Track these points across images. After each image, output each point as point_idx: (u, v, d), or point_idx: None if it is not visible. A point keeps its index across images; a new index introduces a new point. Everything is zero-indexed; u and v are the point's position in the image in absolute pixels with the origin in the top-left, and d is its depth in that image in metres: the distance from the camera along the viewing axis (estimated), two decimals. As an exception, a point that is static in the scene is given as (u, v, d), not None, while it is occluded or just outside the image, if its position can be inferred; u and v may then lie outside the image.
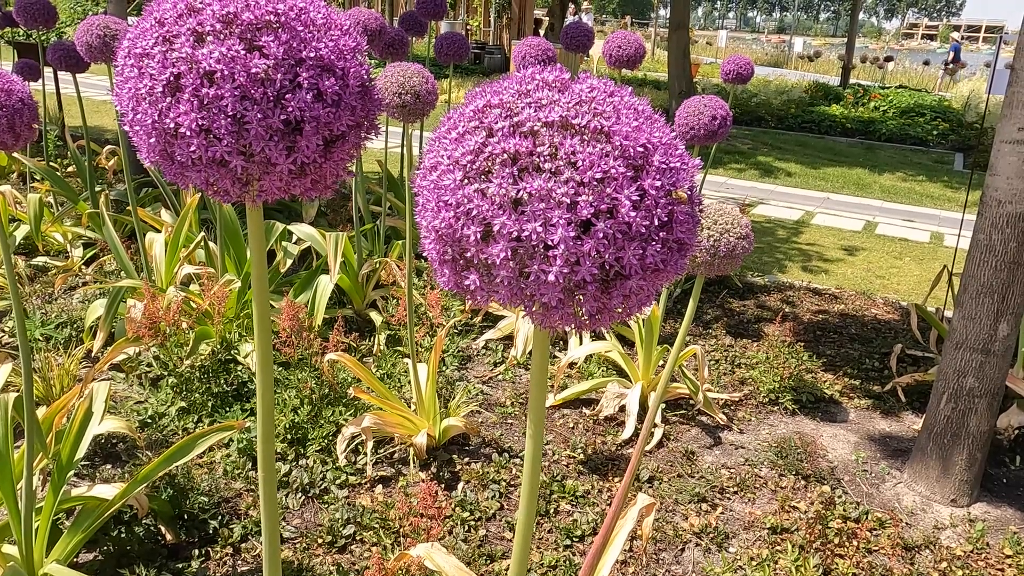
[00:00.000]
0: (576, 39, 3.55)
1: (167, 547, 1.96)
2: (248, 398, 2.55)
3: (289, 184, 0.56)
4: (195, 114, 0.50)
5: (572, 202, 0.44)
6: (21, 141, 1.31)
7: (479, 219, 0.45)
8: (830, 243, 5.32)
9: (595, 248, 0.44)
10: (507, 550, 2.03)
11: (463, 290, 0.50)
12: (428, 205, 0.48)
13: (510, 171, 0.45)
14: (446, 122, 0.51)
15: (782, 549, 2.06)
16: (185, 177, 0.55)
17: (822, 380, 3.06)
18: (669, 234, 0.46)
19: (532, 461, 0.65)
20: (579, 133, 0.45)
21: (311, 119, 0.53)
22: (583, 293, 0.46)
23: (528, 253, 0.45)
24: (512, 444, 2.50)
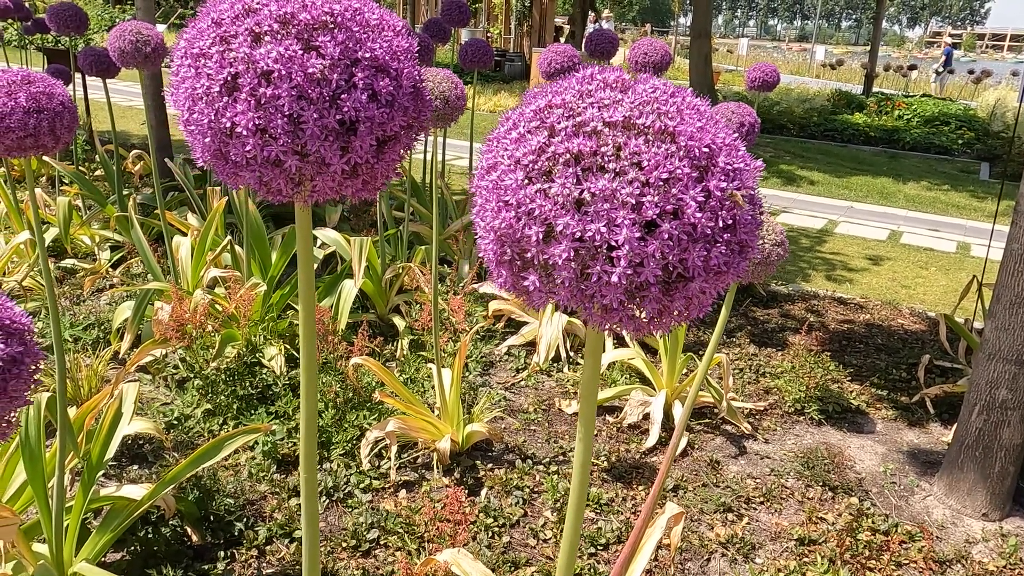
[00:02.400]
0: (600, 46, 3.54)
1: (193, 548, 1.97)
2: (273, 401, 2.56)
3: (341, 184, 0.56)
4: (252, 113, 0.51)
5: (637, 203, 0.43)
6: (61, 144, 1.32)
7: (541, 219, 0.45)
8: (854, 252, 5.26)
9: (660, 249, 0.43)
10: (531, 557, 2.02)
11: (521, 291, 0.50)
12: (488, 205, 0.48)
13: (573, 171, 0.44)
14: (505, 122, 0.51)
15: (810, 561, 2.03)
16: (239, 177, 0.55)
17: (848, 390, 3.02)
18: (733, 236, 0.45)
19: (581, 467, 0.65)
20: (643, 133, 0.45)
21: (366, 119, 0.53)
22: (644, 295, 0.45)
23: (590, 254, 0.44)
24: (535, 451, 2.49)
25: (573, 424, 2.68)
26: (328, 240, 3.28)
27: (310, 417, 0.79)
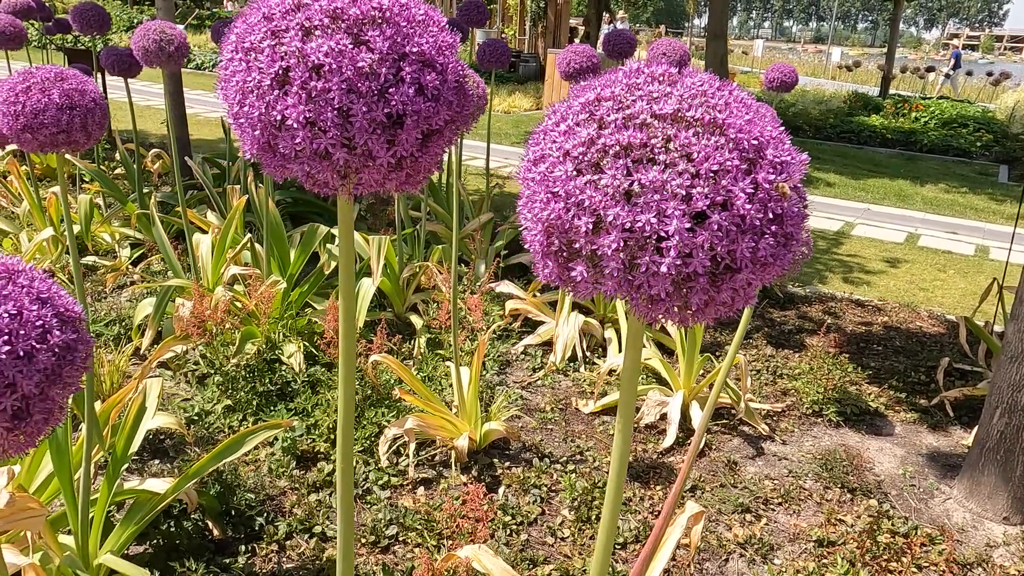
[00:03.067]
0: (618, 46, 3.54)
1: (214, 542, 1.99)
2: (292, 398, 2.58)
3: (386, 177, 0.57)
4: (303, 106, 0.51)
5: (687, 194, 0.44)
6: (92, 140, 1.34)
7: (591, 210, 0.45)
8: (871, 254, 5.23)
9: (709, 240, 0.44)
10: (549, 555, 2.02)
11: (567, 282, 0.50)
12: (536, 197, 0.48)
13: (623, 162, 0.45)
14: (552, 115, 0.51)
15: (829, 562, 2.02)
16: (286, 169, 0.56)
17: (866, 392, 3.00)
18: (780, 228, 0.46)
19: (620, 458, 0.65)
20: (693, 125, 0.46)
21: (413, 113, 0.53)
22: (692, 286, 0.46)
23: (639, 244, 0.45)
24: (552, 450, 2.49)
25: (590, 424, 2.69)
26: (346, 239, 3.30)
27: (347, 412, 0.80)
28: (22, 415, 0.52)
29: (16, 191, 4.03)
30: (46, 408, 0.53)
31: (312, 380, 2.65)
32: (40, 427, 0.53)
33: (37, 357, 0.52)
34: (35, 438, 0.54)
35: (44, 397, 0.53)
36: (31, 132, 1.27)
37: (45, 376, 0.52)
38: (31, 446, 0.54)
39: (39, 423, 0.53)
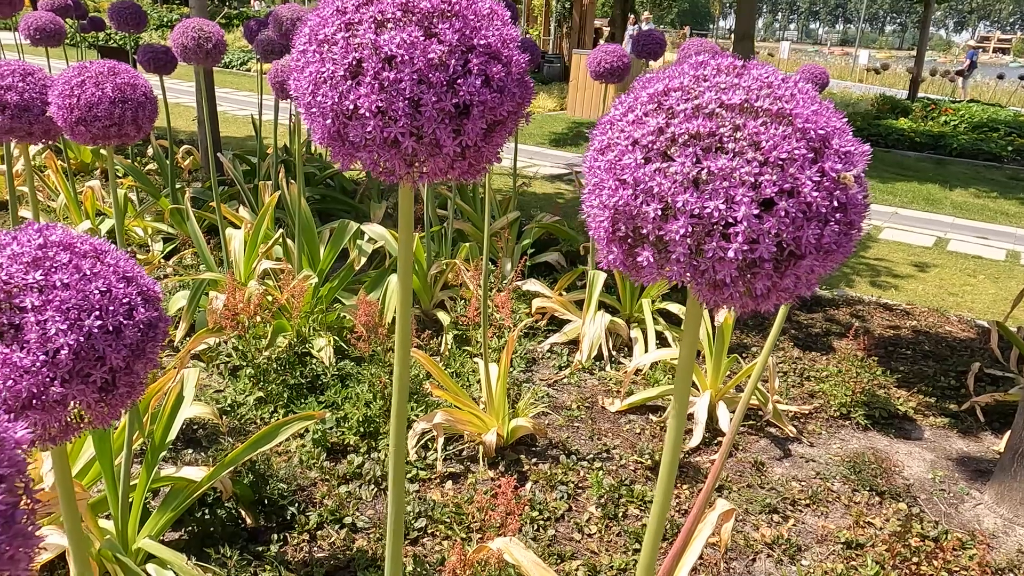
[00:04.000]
0: (647, 47, 3.55)
1: (247, 531, 2.02)
2: (322, 391, 2.62)
3: (451, 166, 0.59)
4: (375, 96, 0.53)
5: (756, 181, 0.45)
6: (142, 133, 1.38)
7: (659, 197, 0.47)
8: (899, 258, 5.18)
9: (776, 226, 0.45)
10: (576, 551, 2.04)
11: (632, 268, 0.52)
12: (604, 184, 0.50)
13: (693, 150, 0.46)
14: (619, 106, 0.53)
15: (858, 564, 2.01)
16: (354, 157, 0.58)
17: (895, 396, 2.98)
18: (844, 216, 0.47)
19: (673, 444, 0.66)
20: (761, 115, 0.47)
21: (479, 103, 0.55)
22: (756, 271, 0.47)
23: (706, 230, 0.46)
24: (579, 447, 2.50)
25: (616, 422, 2.69)
26: (375, 235, 3.33)
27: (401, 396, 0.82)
28: (109, 387, 0.55)
29: (53, 185, 4.11)
30: (131, 382, 0.56)
31: (342, 374, 2.68)
32: (123, 399, 0.56)
33: (124, 332, 0.54)
34: (118, 410, 0.56)
35: (129, 371, 0.55)
36: (85, 125, 1.30)
37: (131, 351, 0.55)
38: (115, 417, 0.56)
39: (123, 395, 0.56)
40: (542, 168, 7.20)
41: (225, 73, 13.83)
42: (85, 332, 0.52)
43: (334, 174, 4.89)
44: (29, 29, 3.37)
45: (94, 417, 0.55)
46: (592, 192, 0.52)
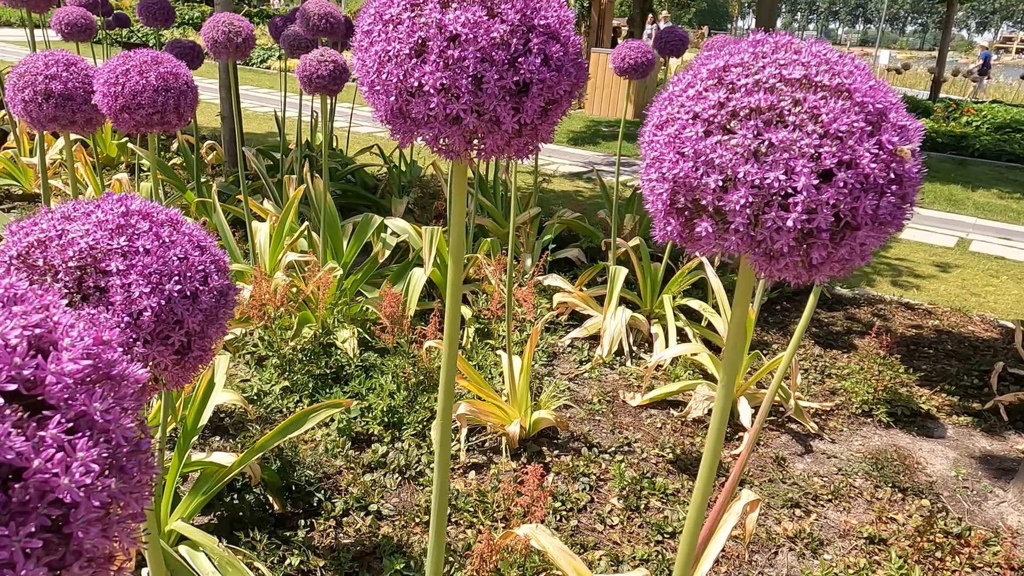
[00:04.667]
0: (670, 43, 3.55)
1: (274, 516, 2.05)
2: (346, 381, 2.65)
3: (507, 143, 0.61)
4: (440, 73, 0.56)
5: (816, 153, 0.47)
6: (183, 121, 1.41)
7: (720, 168, 0.49)
8: (921, 258, 5.14)
9: (834, 197, 0.47)
10: (599, 541, 2.05)
11: (689, 240, 0.53)
12: (664, 157, 0.52)
13: (754, 123, 0.48)
14: (678, 83, 0.55)
15: (881, 559, 2.02)
16: (415, 134, 0.61)
17: (917, 395, 2.97)
18: (900, 188, 0.48)
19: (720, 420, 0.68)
20: (820, 89, 0.49)
21: (538, 82, 0.57)
22: (813, 242, 0.49)
23: (765, 200, 0.48)
24: (600, 440, 2.52)
25: (637, 416, 2.71)
26: (398, 229, 3.36)
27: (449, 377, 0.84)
28: (184, 350, 0.57)
29: (81, 178, 4.18)
30: (204, 346, 0.58)
31: (366, 365, 2.71)
32: (196, 363, 0.58)
33: (201, 298, 0.57)
34: (190, 373, 0.59)
35: (203, 335, 0.58)
36: (129, 112, 1.33)
37: (206, 316, 0.57)
38: (186, 381, 0.59)
39: (196, 359, 0.58)
40: (561, 166, 7.21)
41: (245, 71, 13.95)
42: (166, 296, 0.55)
43: (355, 170, 4.93)
44: (61, 24, 3.43)
45: (169, 379, 0.57)
46: (650, 166, 0.54)
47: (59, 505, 0.27)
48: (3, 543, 0.24)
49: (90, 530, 0.28)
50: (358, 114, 8.78)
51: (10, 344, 0.28)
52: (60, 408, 0.28)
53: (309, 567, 1.88)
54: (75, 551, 0.28)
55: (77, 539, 0.27)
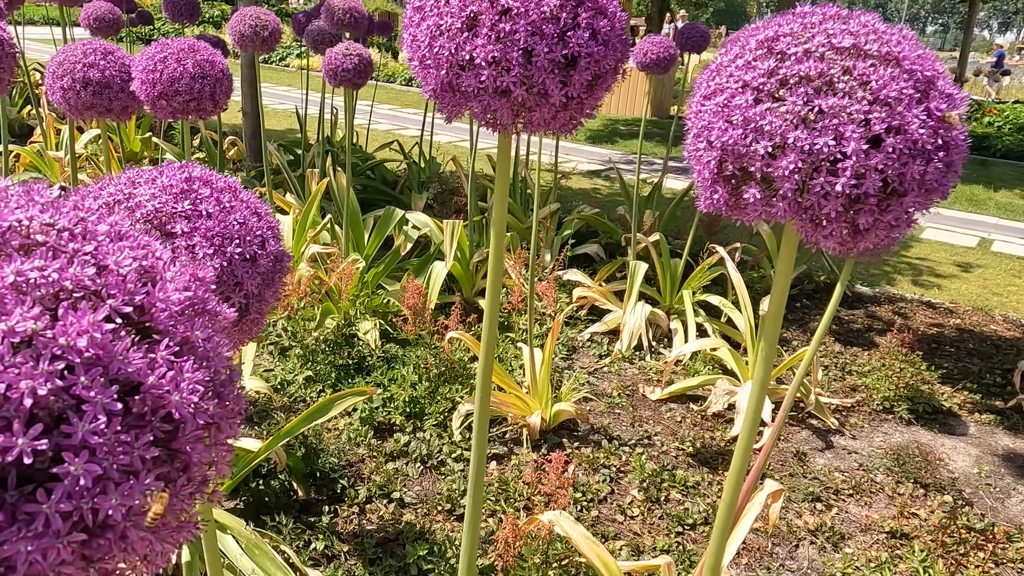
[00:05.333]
0: (691, 39, 3.56)
1: (299, 502, 2.08)
2: (368, 372, 2.68)
3: (554, 116, 0.62)
4: (491, 46, 0.57)
5: (865, 119, 0.48)
6: (218, 108, 1.44)
7: (769, 135, 0.50)
8: (942, 258, 5.11)
9: (882, 162, 0.48)
10: (619, 532, 2.06)
11: (735, 208, 0.55)
12: (713, 126, 0.53)
13: (803, 91, 0.49)
14: (726, 54, 0.56)
15: (902, 554, 2.01)
16: (464, 107, 0.62)
17: (939, 392, 2.96)
18: (947, 155, 0.50)
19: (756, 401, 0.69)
20: (870, 57, 0.50)
21: (586, 56, 0.59)
22: (859, 208, 0.50)
23: (814, 166, 0.49)
24: (620, 433, 2.53)
25: (657, 410, 2.71)
26: (419, 223, 3.39)
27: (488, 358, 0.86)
28: (243, 312, 0.59)
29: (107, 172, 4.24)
30: (260, 308, 0.60)
31: (387, 356, 2.74)
32: (253, 326, 0.60)
33: (259, 262, 0.59)
34: (247, 336, 0.61)
35: (260, 298, 0.60)
36: (166, 99, 1.36)
37: (263, 279, 0.59)
38: (242, 344, 0.61)
39: (253, 321, 0.60)
40: (579, 164, 7.22)
41: (264, 69, 14.06)
42: (227, 258, 0.57)
43: (375, 165, 4.96)
44: (89, 19, 3.48)
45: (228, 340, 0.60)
46: (698, 135, 0.55)
47: (169, 421, 0.28)
48: (125, 450, 0.26)
49: (196, 446, 0.29)
50: (377, 111, 8.83)
51: (123, 272, 0.30)
52: (167, 333, 0.30)
53: (333, 552, 1.90)
54: (181, 467, 0.29)
55: (185, 454, 0.29)
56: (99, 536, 0.26)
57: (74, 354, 0.26)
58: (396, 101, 11.15)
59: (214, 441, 0.31)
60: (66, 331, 0.26)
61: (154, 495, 0.27)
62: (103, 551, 0.26)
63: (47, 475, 0.26)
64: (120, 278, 0.29)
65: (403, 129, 8.47)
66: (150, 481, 0.27)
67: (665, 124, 10.11)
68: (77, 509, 0.25)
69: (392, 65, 13.76)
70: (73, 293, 0.28)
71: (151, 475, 0.27)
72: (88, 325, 0.26)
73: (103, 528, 0.26)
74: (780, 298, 0.61)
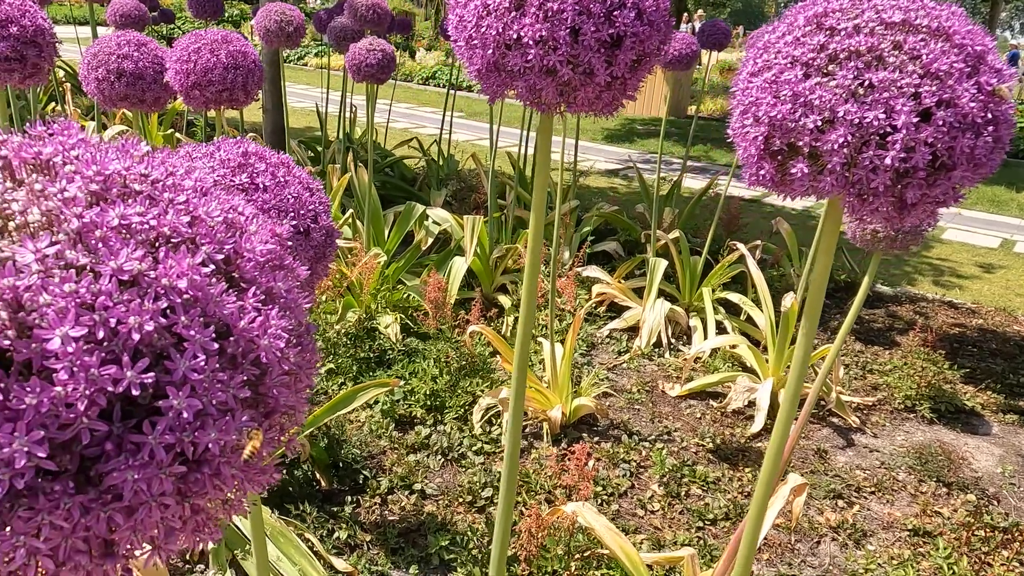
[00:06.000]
0: (713, 37, 3.55)
1: (321, 492, 2.10)
2: (389, 365, 2.69)
3: (598, 96, 0.63)
4: (539, 25, 0.58)
5: (916, 92, 0.48)
6: (249, 99, 1.45)
7: (819, 109, 0.50)
8: (963, 259, 5.06)
9: (932, 135, 0.48)
10: (640, 526, 2.07)
11: (781, 184, 0.55)
12: (761, 101, 0.54)
13: (854, 65, 0.50)
14: (774, 31, 0.57)
15: (925, 552, 2.00)
16: (509, 87, 0.63)
17: (961, 392, 2.93)
18: (996, 130, 0.50)
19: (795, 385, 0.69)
20: (920, 32, 0.50)
21: (632, 35, 0.59)
22: (908, 182, 0.50)
23: (863, 140, 0.50)
24: (640, 428, 2.53)
25: (676, 407, 2.71)
26: (439, 219, 3.41)
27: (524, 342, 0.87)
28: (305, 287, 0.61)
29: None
30: (312, 282, 0.61)
31: (408, 350, 2.76)
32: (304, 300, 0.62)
33: (312, 235, 0.60)
34: (298, 309, 0.62)
35: (312, 271, 0.61)
36: (199, 89, 1.38)
37: (315, 253, 0.61)
38: (294, 315, 0.63)
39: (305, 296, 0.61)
40: (597, 163, 7.21)
41: (282, 67, 14.13)
42: (281, 230, 0.59)
43: (394, 162, 4.99)
44: (115, 15, 3.52)
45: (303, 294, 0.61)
46: (745, 112, 0.55)
47: (257, 365, 0.30)
48: (222, 388, 0.27)
49: (282, 391, 0.31)
50: (395, 110, 8.87)
51: (213, 222, 0.31)
52: (254, 283, 0.31)
53: (356, 541, 1.92)
54: (266, 411, 0.30)
55: (272, 398, 0.30)
56: (196, 470, 0.27)
57: (175, 294, 0.27)
58: (413, 100, 11.19)
59: (294, 388, 0.33)
60: (167, 272, 0.27)
61: (248, 433, 0.28)
62: (199, 485, 0.27)
63: (145, 410, 0.27)
64: (210, 228, 0.30)
65: (420, 127, 8.50)
66: (246, 419, 0.28)
67: (682, 124, 10.09)
68: (179, 442, 0.26)
69: (410, 64, 13.81)
70: (170, 239, 0.29)
71: (245, 414, 0.28)
72: (187, 268, 0.27)
73: (199, 463, 0.27)
74: (821, 282, 0.61)
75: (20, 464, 0.23)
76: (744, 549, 1.00)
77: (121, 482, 0.25)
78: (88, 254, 0.26)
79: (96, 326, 0.25)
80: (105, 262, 0.26)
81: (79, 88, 5.88)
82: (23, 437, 0.23)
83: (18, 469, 0.23)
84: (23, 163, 0.29)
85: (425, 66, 13.66)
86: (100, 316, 0.25)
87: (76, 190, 0.28)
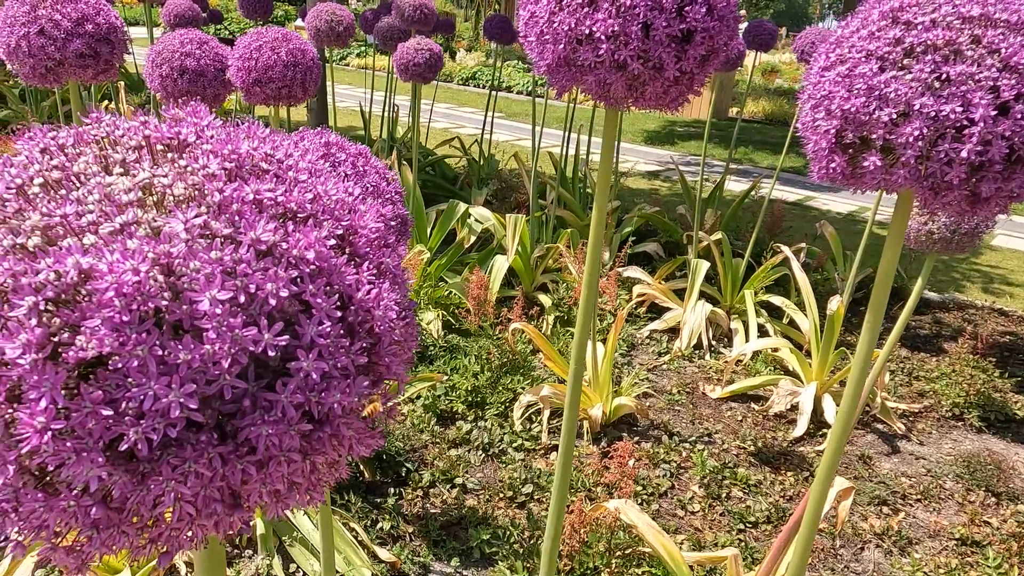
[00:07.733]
0: (759, 37, 3.52)
1: (364, 483, 2.14)
2: (432, 361, 2.73)
3: (665, 91, 0.64)
4: (611, 20, 0.60)
5: (994, 85, 0.49)
6: (307, 96, 1.49)
7: (895, 102, 0.51)
8: (1014, 266, 4.93)
9: (1010, 128, 0.49)
10: (680, 526, 2.06)
11: (852, 177, 0.56)
12: (834, 95, 0.54)
13: (931, 58, 0.50)
14: (847, 27, 0.57)
15: (973, 561, 1.97)
16: (578, 81, 0.65)
17: (1012, 401, 2.87)
18: (1077, 125, 0.50)
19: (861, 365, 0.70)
20: (999, 25, 0.51)
21: (702, 30, 0.61)
22: (983, 175, 0.50)
23: (938, 133, 0.50)
24: (680, 429, 2.52)
25: (717, 408, 2.70)
26: (481, 217, 3.43)
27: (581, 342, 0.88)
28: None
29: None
30: (388, 267, 0.64)
31: (450, 346, 2.79)
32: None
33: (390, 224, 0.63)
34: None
35: (389, 257, 0.64)
36: (260, 86, 1.42)
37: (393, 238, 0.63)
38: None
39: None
40: (637, 164, 7.19)
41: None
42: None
43: (436, 162, 5.04)
44: (170, 16, 3.62)
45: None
46: (816, 106, 0.56)
47: (371, 334, 0.32)
48: (345, 352, 0.29)
49: (393, 359, 0.32)
50: (436, 110, 8.94)
51: (331, 201, 0.33)
52: (367, 258, 0.33)
53: (399, 532, 1.95)
54: (377, 377, 0.32)
55: (383, 364, 0.32)
56: (319, 429, 0.29)
57: (304, 264, 0.29)
58: (453, 100, 11.26)
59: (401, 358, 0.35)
60: (296, 244, 0.29)
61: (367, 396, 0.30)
62: (320, 443, 0.29)
63: (272, 371, 0.29)
64: (329, 206, 0.32)
65: (460, 128, 8.56)
66: (366, 384, 0.30)
67: (723, 126, 9.99)
68: (307, 401, 0.28)
69: (450, 65, 13.90)
70: (296, 214, 0.31)
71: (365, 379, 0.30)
72: (314, 240, 0.29)
73: (322, 422, 0.29)
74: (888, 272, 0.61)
75: (175, 414, 0.25)
76: (798, 551, 1.00)
77: (256, 436, 0.27)
78: (229, 225, 0.28)
79: (238, 291, 0.27)
80: (245, 232, 0.28)
81: (131, 85, 6.05)
82: (178, 390, 0.25)
83: (173, 419, 0.25)
84: (159, 142, 0.31)
85: (465, 67, 13.74)
86: (241, 282, 0.27)
87: (217, 167, 0.30)
